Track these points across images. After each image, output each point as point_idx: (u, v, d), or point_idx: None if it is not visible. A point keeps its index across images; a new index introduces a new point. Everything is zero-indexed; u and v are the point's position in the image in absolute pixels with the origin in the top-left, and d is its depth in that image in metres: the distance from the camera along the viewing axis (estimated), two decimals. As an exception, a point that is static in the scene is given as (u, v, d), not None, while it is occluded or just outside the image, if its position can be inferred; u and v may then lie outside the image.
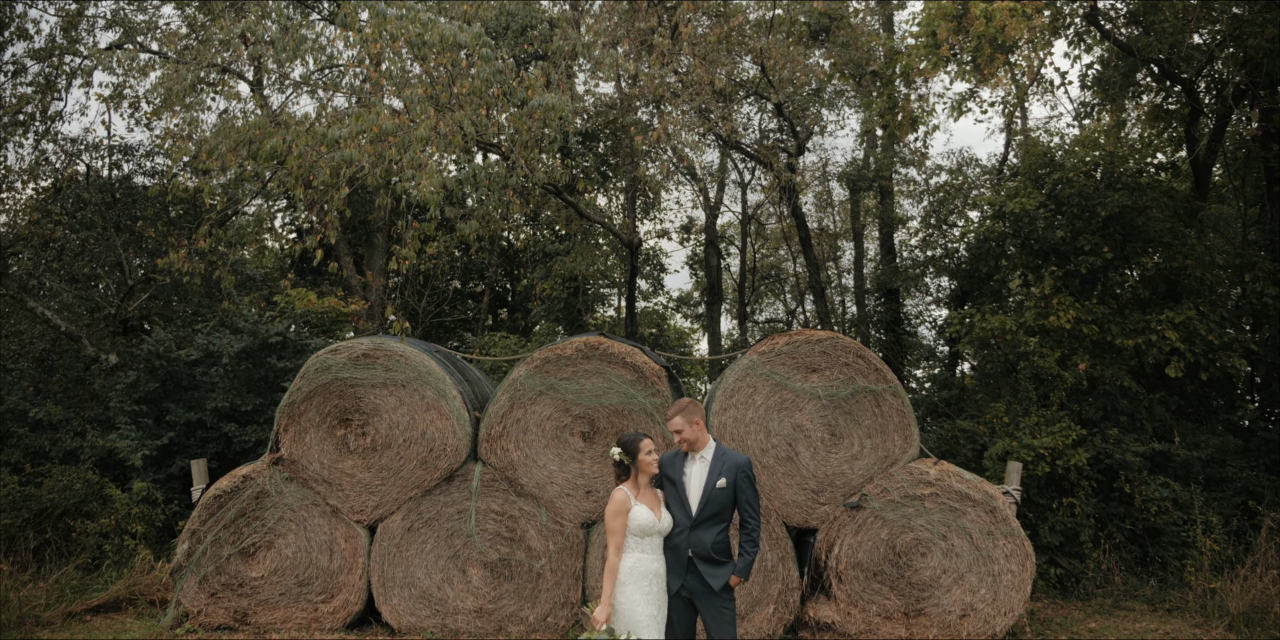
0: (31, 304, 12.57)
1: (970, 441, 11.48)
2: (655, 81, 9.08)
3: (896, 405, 8.59)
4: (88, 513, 11.13)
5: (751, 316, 25.21)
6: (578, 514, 8.60)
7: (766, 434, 8.58)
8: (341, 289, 15.67)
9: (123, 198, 14.43)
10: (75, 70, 13.74)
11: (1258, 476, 10.77)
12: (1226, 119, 12.00)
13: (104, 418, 12.71)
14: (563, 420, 8.69)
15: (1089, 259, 11.39)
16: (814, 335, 8.73)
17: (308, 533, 8.62)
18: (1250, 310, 11.97)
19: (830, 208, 22.78)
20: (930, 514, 8.33)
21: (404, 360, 8.75)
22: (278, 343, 12.07)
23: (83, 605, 9.35)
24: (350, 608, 8.48)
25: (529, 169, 8.12)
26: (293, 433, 8.77)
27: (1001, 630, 8.16)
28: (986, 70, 8.75)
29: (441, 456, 8.61)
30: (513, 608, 8.43)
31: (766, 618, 8.24)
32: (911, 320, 18.10)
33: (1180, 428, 11.35)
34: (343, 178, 7.11)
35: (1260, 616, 8.36)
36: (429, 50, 7.18)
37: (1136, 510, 10.65)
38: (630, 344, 8.88)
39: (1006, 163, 16.42)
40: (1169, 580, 10.06)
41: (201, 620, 8.47)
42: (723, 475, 5.31)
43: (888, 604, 8.28)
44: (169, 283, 13.63)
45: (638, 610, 5.05)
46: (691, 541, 5.26)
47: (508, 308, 20.60)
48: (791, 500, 8.52)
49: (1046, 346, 11.31)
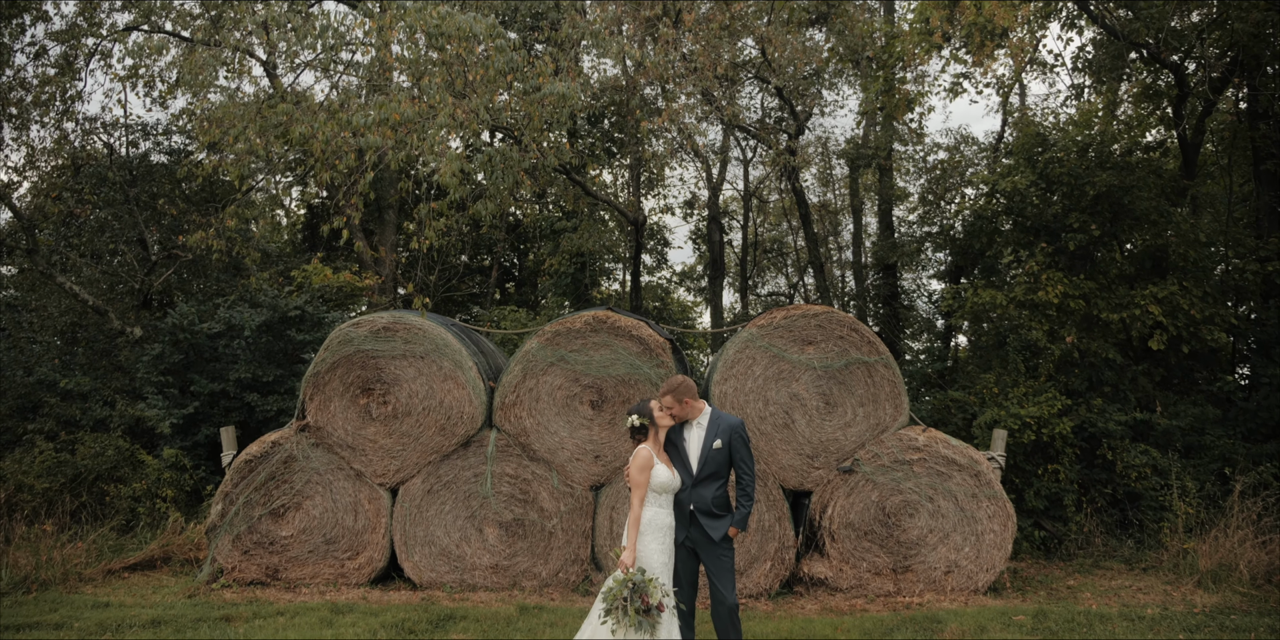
0: (60, 279, 13.06)
1: (961, 411, 12.01)
2: (660, 69, 9.47)
3: (888, 376, 9.10)
4: (120, 478, 11.71)
5: (753, 290, 25.68)
6: (587, 477, 9.15)
7: (765, 403, 9.10)
8: (356, 264, 16.14)
9: (140, 175, 14.86)
10: (94, 50, 14.11)
11: (1233, 444, 11.29)
12: (1214, 101, 12.36)
13: (130, 388, 13.25)
14: (572, 390, 9.22)
15: (1078, 236, 11.83)
16: (810, 310, 9.22)
17: (334, 495, 9.19)
18: (1233, 286, 12.42)
19: (831, 184, 23.14)
20: (918, 477, 8.87)
21: (422, 333, 9.26)
22: (297, 316, 12.59)
23: (120, 563, 9.94)
24: (375, 564, 9.08)
25: (540, 153, 8.57)
26: (318, 401, 9.31)
27: (984, 585, 8.74)
28: (977, 57, 9.13)
29: (459, 423, 9.15)
30: (526, 564, 9.01)
31: (764, 573, 8.81)
32: (909, 294, 18.56)
33: (1163, 398, 11.85)
34: (368, 162, 7.56)
35: (1227, 573, 8.91)
36: (446, 40, 7.59)
37: (1118, 476, 11.19)
38: (636, 318, 9.38)
39: (1003, 141, 16.78)
40: (1146, 541, 10.61)
41: (235, 576, 9.06)
42: (718, 437, 5.87)
43: (877, 561, 8.84)
44: (190, 258, 14.11)
45: (653, 558, 5.65)
46: (693, 497, 5.84)
47: (515, 282, 21.08)
48: (788, 465, 9.06)
49: (1035, 320, 11.79)
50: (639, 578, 5.41)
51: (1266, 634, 7.15)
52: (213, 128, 9.01)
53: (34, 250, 13.19)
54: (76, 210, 14.57)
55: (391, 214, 16.98)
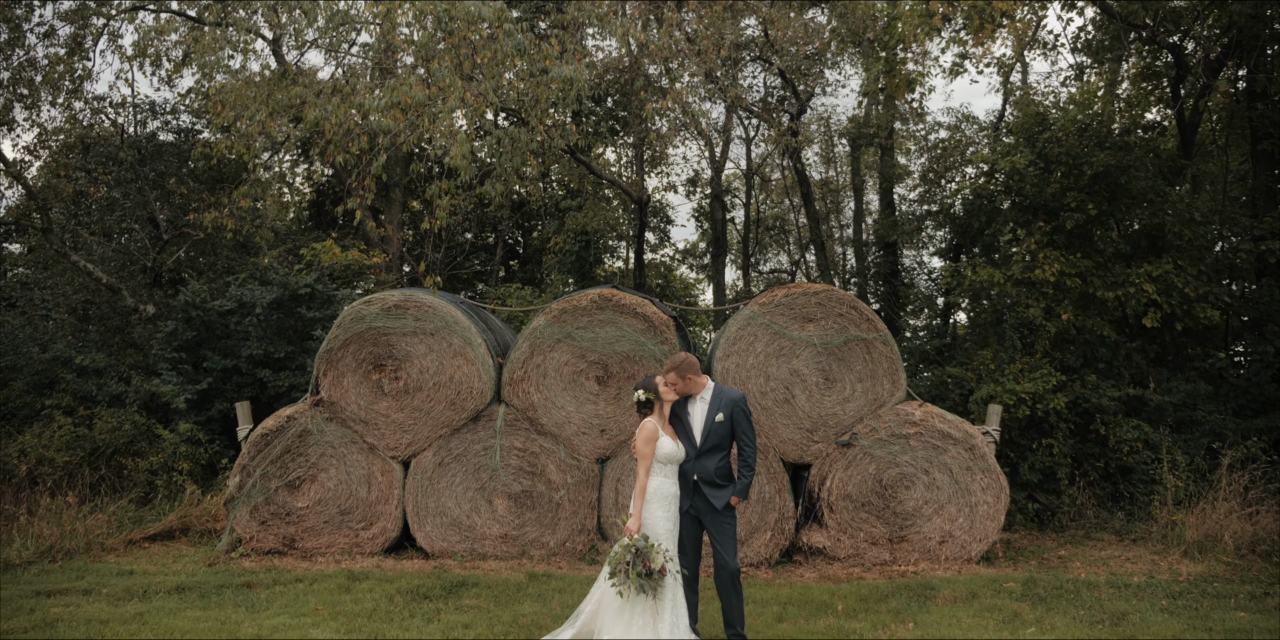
0: (75, 258, 13.29)
1: (959, 386, 12.27)
2: (665, 51, 9.63)
3: (886, 352, 9.35)
4: (137, 452, 12.02)
5: (755, 267, 25.87)
6: (593, 450, 9.44)
7: (766, 378, 9.36)
8: (363, 242, 16.36)
9: (149, 154, 15.05)
10: (101, 30, 14.24)
11: (1223, 419, 11.55)
12: (1211, 83, 12.49)
13: (144, 364, 13.53)
14: (579, 365, 9.48)
15: (1075, 215, 12.01)
16: (811, 288, 9.46)
17: (347, 467, 9.48)
18: (1228, 264, 12.62)
19: (833, 162, 23.26)
20: (914, 451, 9.15)
21: (432, 311, 9.51)
22: (307, 294, 12.83)
23: (141, 534, 10.26)
24: (388, 534, 9.39)
25: (547, 134, 8.76)
26: (331, 377, 9.58)
27: (976, 555, 9.04)
28: (977, 39, 9.28)
29: (468, 398, 9.42)
30: (535, 534, 9.32)
31: (765, 543, 9.12)
32: (910, 272, 18.77)
33: (1156, 375, 12.10)
34: (381, 145, 7.76)
35: (1212, 544, 9.20)
36: (455, 25, 7.76)
37: (1110, 450, 11.46)
38: (640, 296, 9.63)
39: (1004, 120, 16.90)
40: (1136, 514, 10.90)
41: (254, 545, 9.38)
42: (720, 411, 6.16)
43: (874, 531, 9.14)
44: (201, 237, 14.32)
45: (659, 526, 5.97)
46: (697, 468, 6.13)
47: (519, 260, 21.28)
48: (788, 438, 9.34)
49: (1032, 298, 12.01)
50: (642, 543, 5.72)
51: (1245, 600, 7.44)
52: (226, 110, 9.19)
53: (48, 229, 13.42)
54: (89, 190, 14.77)
55: (398, 193, 17.17)
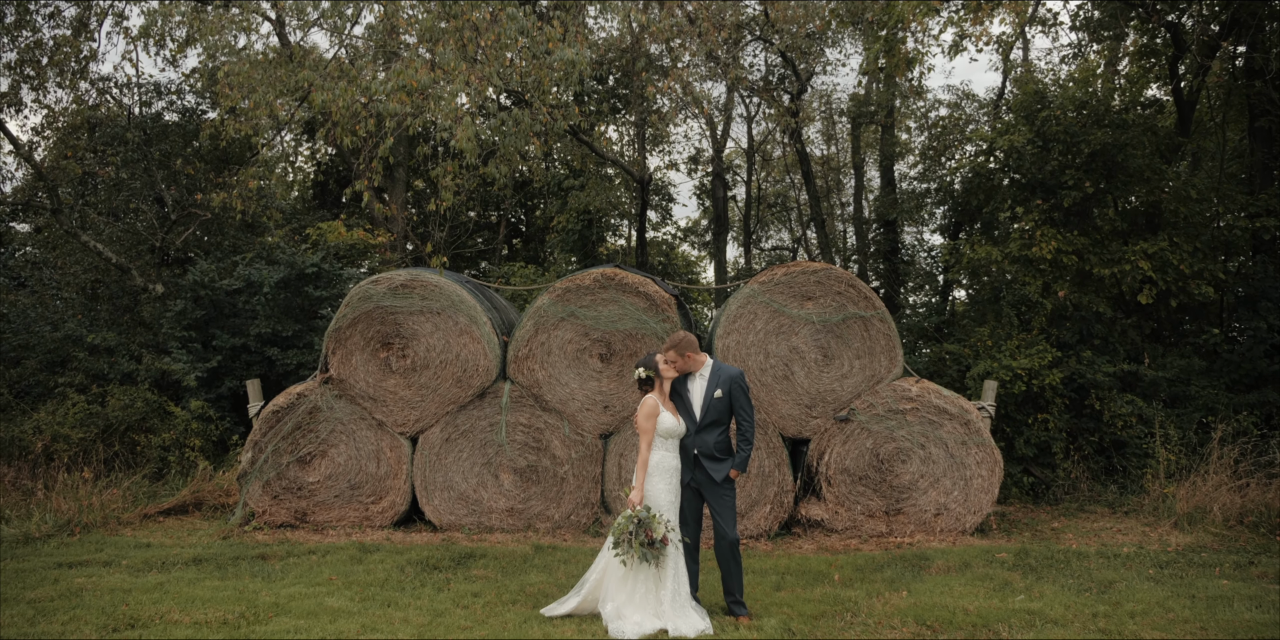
0: (85, 238, 13.46)
1: (956, 362, 12.47)
2: (666, 32, 9.72)
3: (883, 329, 9.54)
4: (150, 428, 12.26)
5: (757, 244, 26.00)
6: (596, 426, 9.65)
7: (765, 355, 9.55)
8: (368, 222, 16.50)
9: (155, 134, 15.15)
10: (106, 11, 14.29)
11: (1216, 394, 11.75)
12: (1209, 60, 12.55)
13: (153, 343, 13.74)
14: (582, 343, 9.67)
15: (1073, 193, 12.13)
16: (810, 266, 9.62)
17: (357, 443, 9.71)
18: (1223, 241, 12.75)
19: (834, 139, 23.30)
20: (911, 426, 9.35)
21: (438, 289, 9.69)
22: (314, 273, 13.01)
23: (155, 508, 10.52)
24: (397, 508, 9.64)
25: (550, 117, 8.89)
26: (340, 355, 9.78)
27: (971, 527, 9.27)
28: (975, 19, 9.36)
29: (474, 376, 9.63)
30: (540, 507, 9.56)
31: (764, 516, 9.35)
32: (909, 249, 18.89)
33: (1151, 350, 12.28)
34: (388, 128, 7.90)
35: (1202, 515, 9.42)
36: (459, 6, 7.87)
37: (1104, 425, 11.67)
38: (642, 274, 9.79)
39: (1003, 98, 16.95)
40: (1129, 487, 11.13)
41: (266, 519, 9.63)
42: (719, 387, 6.36)
43: (871, 504, 9.38)
44: (209, 217, 14.47)
45: (661, 498, 6.20)
46: (697, 442, 6.34)
47: (522, 238, 21.43)
48: (787, 414, 9.55)
49: (1029, 275, 12.16)
50: (644, 514, 5.95)
51: (1230, 569, 7.67)
52: (234, 93, 9.32)
53: (57, 209, 13.57)
54: (97, 170, 14.90)
55: (402, 172, 17.28)
